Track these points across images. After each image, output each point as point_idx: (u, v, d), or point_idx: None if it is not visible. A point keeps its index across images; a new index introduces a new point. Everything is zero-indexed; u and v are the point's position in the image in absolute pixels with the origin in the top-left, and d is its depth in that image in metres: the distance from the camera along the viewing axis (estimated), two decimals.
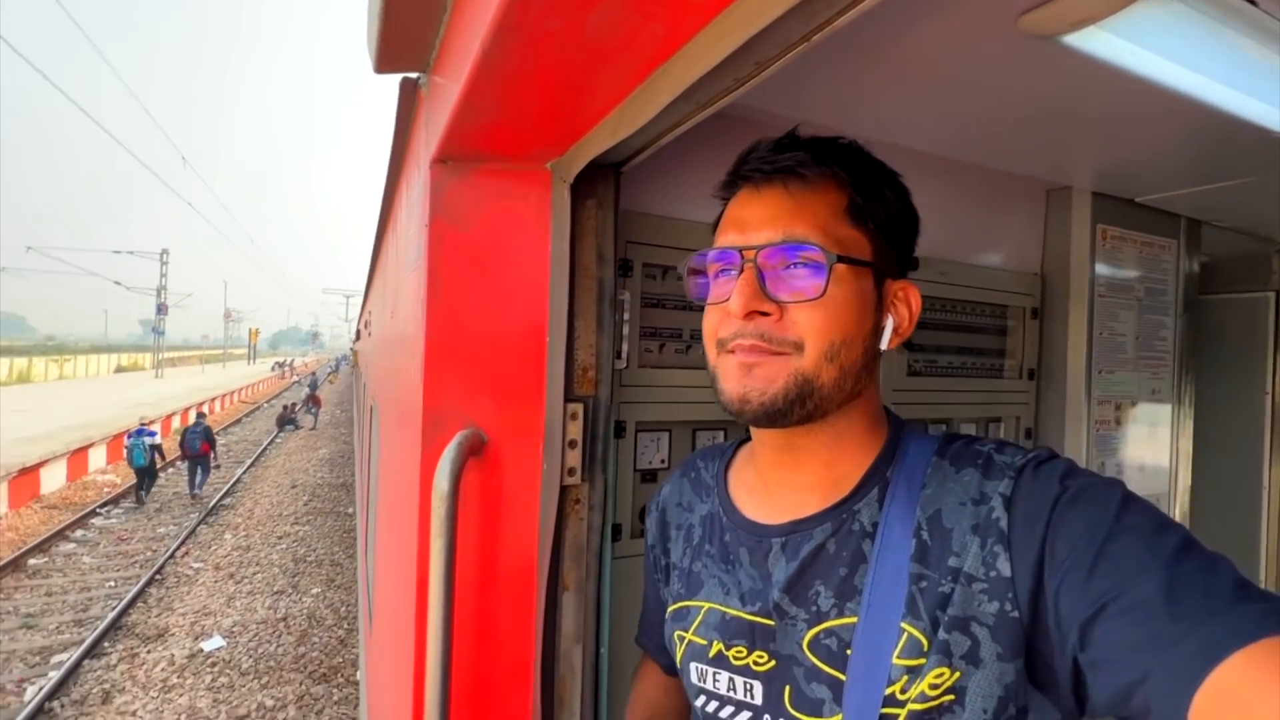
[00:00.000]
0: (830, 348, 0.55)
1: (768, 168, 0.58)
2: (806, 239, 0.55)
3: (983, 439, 0.59)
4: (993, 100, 0.98)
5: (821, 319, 0.55)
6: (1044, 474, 0.52)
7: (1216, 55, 0.80)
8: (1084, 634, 0.44)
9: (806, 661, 0.57)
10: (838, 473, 0.60)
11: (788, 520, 0.61)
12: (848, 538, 0.57)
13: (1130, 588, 0.42)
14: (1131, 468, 1.59)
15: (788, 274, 0.56)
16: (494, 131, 0.74)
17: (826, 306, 0.55)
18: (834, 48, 0.81)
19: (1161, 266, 1.63)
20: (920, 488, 0.56)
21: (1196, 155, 1.19)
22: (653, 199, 1.05)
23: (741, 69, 0.54)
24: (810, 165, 0.56)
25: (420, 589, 0.78)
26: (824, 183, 0.57)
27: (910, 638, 0.51)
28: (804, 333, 0.55)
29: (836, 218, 0.57)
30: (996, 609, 0.49)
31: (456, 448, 0.74)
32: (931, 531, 0.54)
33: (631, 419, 1.05)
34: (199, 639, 5.79)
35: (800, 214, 0.56)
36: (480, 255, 0.82)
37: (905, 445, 0.61)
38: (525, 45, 0.53)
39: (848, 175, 0.58)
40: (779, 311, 0.56)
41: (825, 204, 0.57)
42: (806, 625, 0.57)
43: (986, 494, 0.53)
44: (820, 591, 0.57)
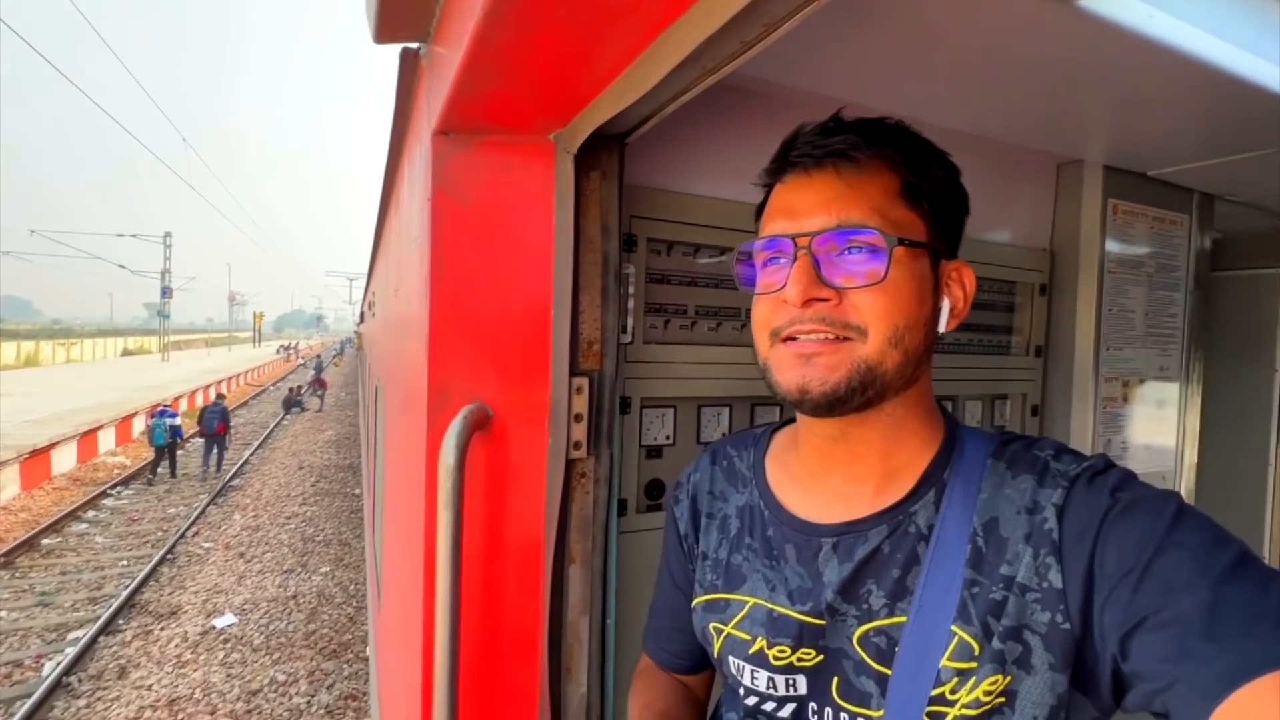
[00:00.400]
0: (895, 332, 0.54)
1: (818, 152, 0.56)
2: (863, 223, 0.54)
3: (1040, 441, 0.58)
4: (1005, 70, 0.95)
5: (885, 302, 0.54)
6: (1097, 485, 0.51)
7: (1238, 19, 0.78)
8: (1124, 645, 0.44)
9: (856, 655, 0.57)
10: (892, 464, 0.59)
11: (839, 520, 0.60)
12: (903, 540, 0.57)
13: (1172, 603, 0.42)
14: (1138, 445, 1.58)
15: (844, 259, 0.55)
16: (496, 101, 0.73)
17: (889, 290, 0.53)
18: (842, 15, 0.79)
19: (1173, 242, 1.61)
20: (977, 492, 0.55)
21: (1212, 126, 1.16)
22: (658, 173, 1.04)
23: (749, 31, 0.53)
24: (862, 147, 0.55)
25: (428, 563, 0.79)
26: (876, 164, 0.56)
27: (961, 641, 0.51)
28: (866, 317, 0.54)
29: (891, 199, 0.55)
30: (1049, 619, 0.49)
31: (462, 422, 0.74)
32: (987, 539, 0.53)
33: (637, 395, 1.05)
34: (211, 616, 5.90)
35: (854, 197, 0.55)
36: (483, 229, 0.81)
37: (961, 444, 0.59)
38: (527, 9, 0.52)
39: (899, 156, 0.56)
40: (838, 297, 0.54)
41: (879, 186, 0.55)
42: (857, 622, 0.57)
43: (1040, 503, 0.52)
44: (873, 590, 0.57)
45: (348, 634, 5.70)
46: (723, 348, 1.13)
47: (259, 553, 7.50)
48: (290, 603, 6.26)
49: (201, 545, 7.69)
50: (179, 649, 5.33)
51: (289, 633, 5.68)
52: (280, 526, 8.43)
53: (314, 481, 10.70)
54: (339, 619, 5.97)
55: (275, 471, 11.35)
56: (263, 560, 7.29)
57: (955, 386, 1.40)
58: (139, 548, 7.53)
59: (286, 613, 6.06)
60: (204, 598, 6.28)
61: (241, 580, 6.73)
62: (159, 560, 6.97)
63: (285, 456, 12.68)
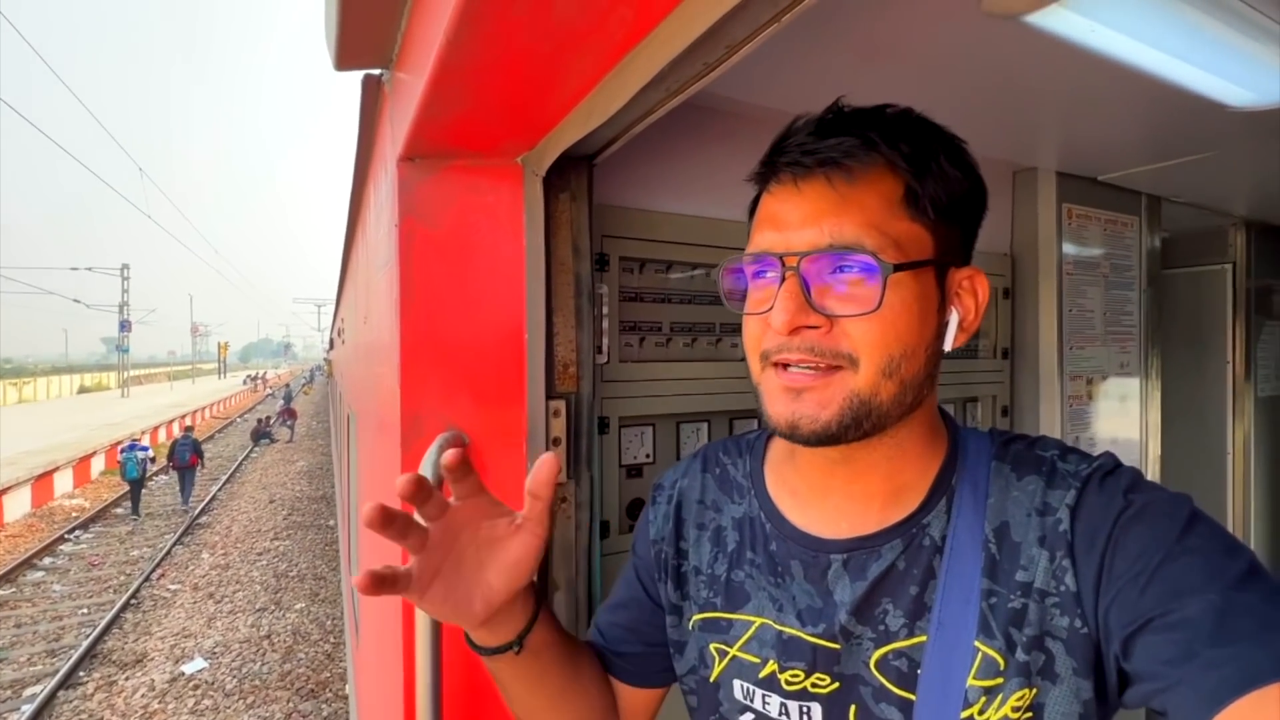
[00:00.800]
0: (889, 363, 0.50)
1: (809, 160, 0.50)
2: (857, 243, 0.49)
3: (1041, 440, 0.56)
4: (959, 82, 0.99)
5: (878, 332, 0.49)
6: (1109, 486, 0.49)
7: (1174, 32, 0.82)
8: (1126, 645, 0.43)
9: (874, 681, 0.54)
10: (898, 482, 0.56)
11: (848, 535, 0.56)
12: (919, 554, 0.54)
13: (1179, 607, 0.41)
14: (1104, 440, 1.63)
15: (835, 281, 0.50)
16: (461, 126, 0.73)
17: (884, 318, 0.49)
18: (802, 34, 0.81)
19: (1125, 243, 1.67)
20: (985, 497, 0.53)
21: (1155, 131, 1.22)
22: (627, 192, 1.04)
23: (711, 53, 0.54)
24: (859, 153, 0.49)
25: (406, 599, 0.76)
26: (875, 170, 0.50)
27: (985, 658, 0.49)
28: (857, 346, 0.49)
29: (891, 210, 0.50)
30: (1068, 624, 0.48)
31: (437, 450, 0.73)
32: (1000, 545, 0.51)
33: (615, 414, 1.04)
34: (179, 662, 5.65)
35: (848, 211, 0.49)
36: (453, 253, 0.80)
37: (964, 446, 0.57)
38: (491, 33, 0.51)
39: (903, 156, 0.50)
40: (828, 323, 0.50)
41: (878, 196, 0.50)
42: (874, 645, 0.54)
43: (1051, 504, 0.50)
44: (889, 610, 0.54)
45: (325, 672, 5.50)
46: (699, 363, 1.13)
47: (229, 592, 7.23)
48: (264, 643, 6.03)
49: (168, 587, 7.37)
50: (145, 699, 5.08)
51: (263, 674, 5.46)
52: (251, 564, 8.14)
53: (286, 515, 10.38)
54: (316, 657, 5.77)
55: (245, 506, 10.99)
56: (234, 600, 7.02)
57: None
58: (100, 594, 7.19)
59: (260, 653, 5.83)
60: (171, 643, 6.01)
61: (211, 622, 6.46)
62: (122, 606, 6.66)
63: (255, 490, 12.29)
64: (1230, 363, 2.01)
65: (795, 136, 0.52)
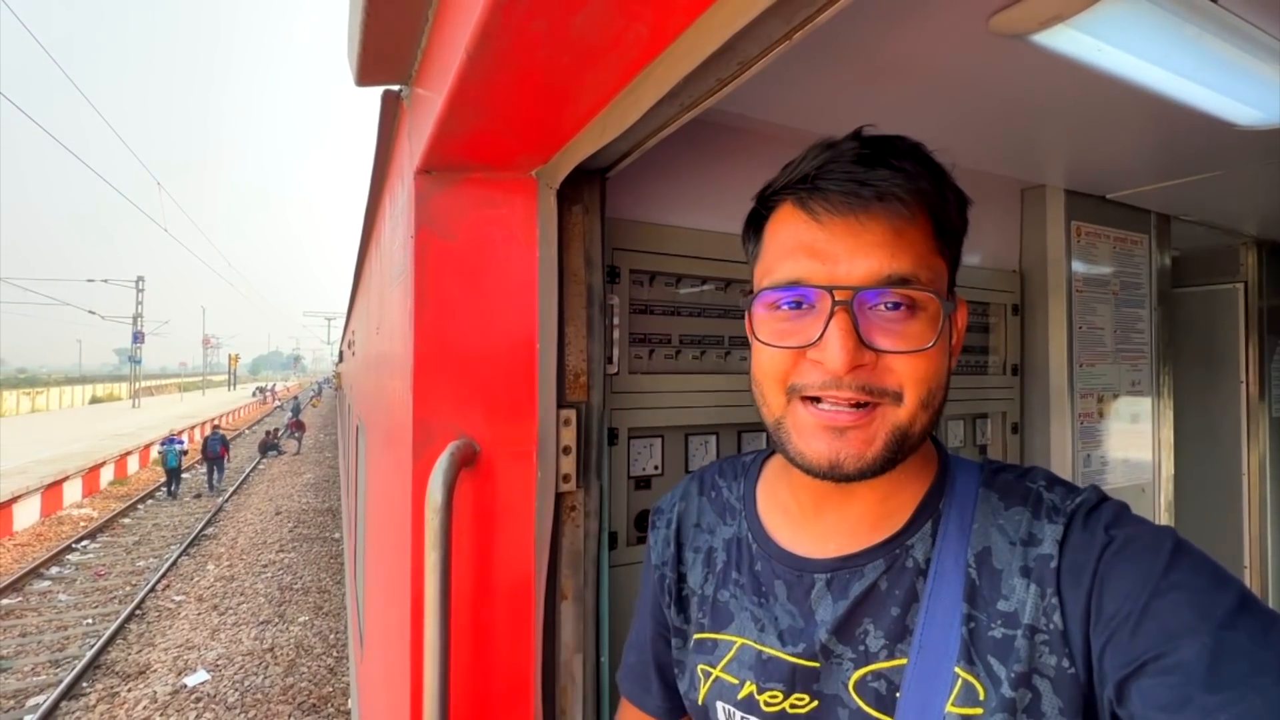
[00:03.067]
0: (929, 396, 0.50)
1: (866, 192, 0.48)
2: (913, 277, 0.49)
3: (1030, 471, 0.56)
4: (967, 100, 1.00)
5: (925, 368, 0.49)
6: (1092, 522, 0.49)
7: (1181, 51, 0.83)
8: (1120, 690, 0.43)
9: (852, 704, 0.53)
10: (890, 505, 0.56)
11: (833, 555, 0.56)
12: (901, 575, 0.54)
13: (1173, 650, 0.41)
14: (1116, 459, 1.61)
15: (882, 316, 0.49)
16: (478, 140, 0.74)
17: (932, 354, 0.49)
18: (812, 52, 0.83)
19: (1134, 261, 1.67)
20: (970, 522, 0.53)
21: (1164, 150, 1.22)
22: (638, 206, 1.06)
23: (724, 69, 0.55)
24: (909, 187, 0.49)
25: (415, 604, 0.77)
26: (920, 205, 0.50)
27: (965, 684, 0.48)
28: (904, 381, 0.49)
29: (930, 248, 0.51)
30: (1055, 663, 0.47)
31: (449, 459, 0.73)
32: (980, 570, 0.51)
33: (624, 426, 1.04)
34: (182, 674, 5.62)
35: (904, 246, 0.49)
36: (467, 264, 0.81)
37: (953, 474, 0.57)
38: (510, 50, 0.53)
39: (931, 192, 0.51)
40: (875, 359, 0.49)
41: (922, 233, 0.50)
42: (853, 666, 0.54)
43: (1037, 536, 0.50)
44: (870, 631, 0.54)
45: (328, 686, 5.46)
46: (708, 375, 1.14)
47: (234, 604, 7.21)
48: (267, 656, 6.00)
49: (173, 598, 7.37)
50: (147, 711, 5.05)
51: (265, 688, 5.42)
52: (256, 575, 8.12)
53: (292, 527, 10.37)
54: (318, 671, 5.72)
55: (251, 518, 11.00)
56: (238, 612, 7.00)
57: None
58: (106, 604, 7.19)
59: (263, 666, 5.79)
60: (174, 655, 5.99)
61: (215, 634, 6.44)
62: (126, 617, 6.66)
63: (261, 502, 12.30)
64: (1244, 382, 1.99)
65: (836, 163, 0.50)
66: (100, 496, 12.48)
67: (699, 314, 1.15)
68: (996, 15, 0.75)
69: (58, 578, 8.01)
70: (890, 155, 0.50)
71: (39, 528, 10.11)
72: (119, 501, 11.98)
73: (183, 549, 8.97)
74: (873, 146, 0.52)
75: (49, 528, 10.16)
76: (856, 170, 0.49)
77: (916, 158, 0.52)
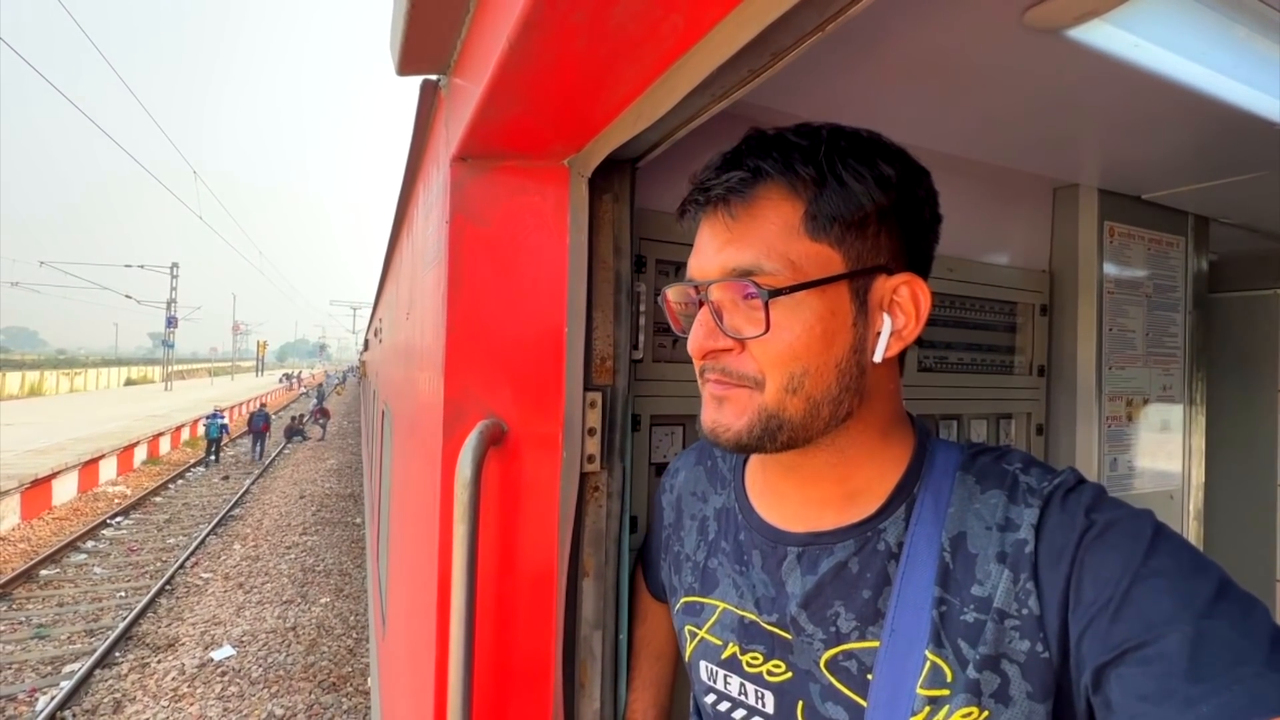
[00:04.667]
0: (790, 380, 0.52)
1: (702, 196, 0.55)
2: (747, 269, 0.52)
3: (1009, 453, 0.56)
4: (999, 96, 1.00)
5: (774, 352, 0.52)
6: (1070, 505, 0.49)
7: (1219, 47, 0.81)
8: (1098, 676, 0.43)
9: (824, 679, 0.55)
10: (850, 487, 0.57)
11: (805, 530, 0.58)
12: (872, 558, 0.55)
13: (1154, 638, 0.41)
14: (1143, 464, 1.59)
15: (742, 305, 0.53)
16: (514, 129, 0.77)
17: (778, 338, 0.51)
18: (844, 45, 0.84)
19: (1169, 264, 1.64)
20: (946, 506, 0.54)
21: (1201, 150, 1.20)
22: (666, 197, 1.07)
23: (757, 60, 0.56)
24: (746, 186, 0.52)
25: (442, 578, 0.79)
26: (768, 199, 0.53)
27: (934, 666, 0.49)
28: (762, 367, 0.53)
29: (789, 234, 0.52)
30: (1028, 648, 0.47)
31: (478, 436, 0.76)
32: (954, 554, 0.52)
33: (646, 413, 1.06)
34: (209, 648, 5.80)
35: (742, 241, 0.52)
36: (499, 249, 0.84)
37: (932, 457, 0.57)
38: (550, 40, 0.55)
39: (802, 180, 0.52)
40: (740, 346, 0.53)
41: (774, 222, 0.52)
42: (824, 645, 0.55)
43: (1014, 520, 0.50)
44: (840, 613, 0.55)
45: (347, 666, 5.59)
46: None
47: (258, 583, 7.41)
48: (289, 634, 6.16)
49: (201, 575, 7.60)
50: (175, 682, 5.23)
51: (287, 665, 5.58)
52: (280, 557, 8.34)
53: (315, 511, 10.61)
54: (339, 651, 5.87)
55: (276, 501, 11.27)
56: (262, 591, 7.20)
57: (960, 406, 1.42)
58: (137, 579, 7.44)
59: (285, 644, 5.95)
60: (202, 629, 6.19)
61: (240, 611, 6.63)
62: (157, 591, 6.89)
63: (286, 485, 12.60)
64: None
65: (704, 173, 0.56)
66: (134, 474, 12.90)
67: None
68: (1031, 9, 0.75)
69: (93, 551, 8.32)
70: (749, 155, 0.54)
71: (76, 503, 10.49)
72: (151, 480, 12.37)
73: (211, 528, 9.24)
74: (738, 149, 0.56)
75: (85, 503, 10.54)
76: (709, 177, 0.55)
77: (782, 151, 0.53)
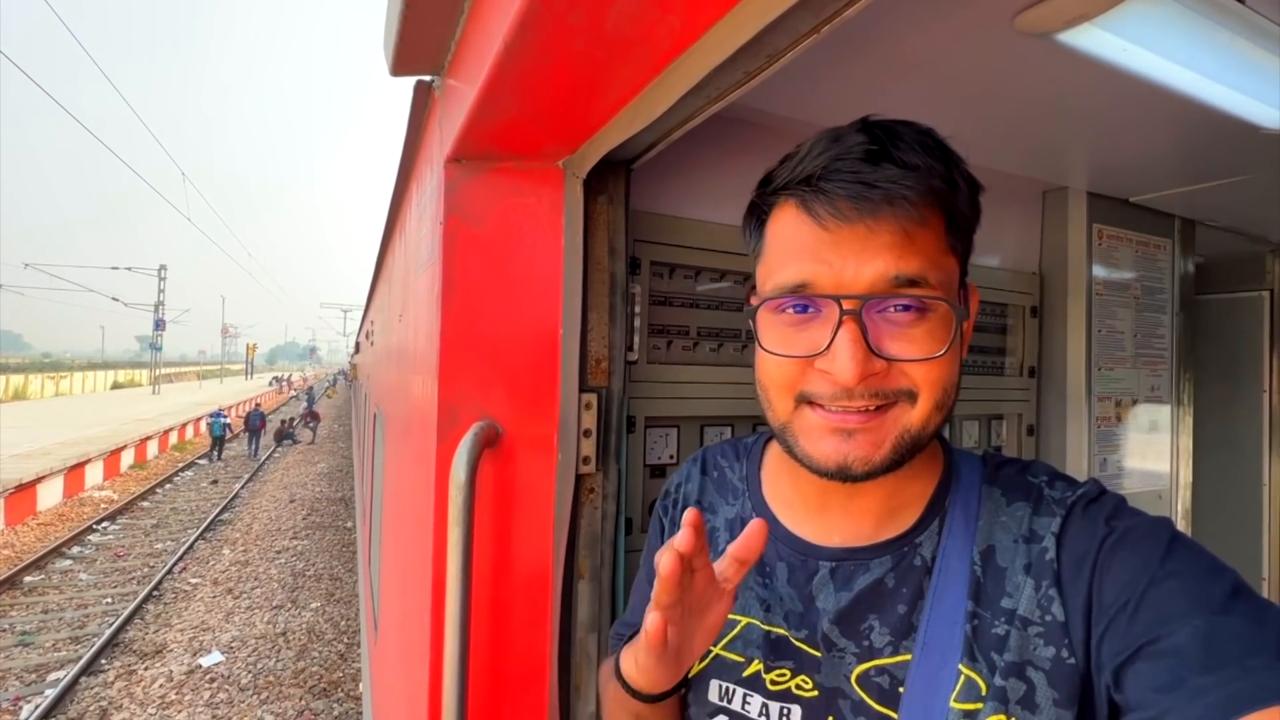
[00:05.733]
0: (943, 397, 0.49)
1: (874, 194, 0.46)
2: (923, 279, 0.47)
3: (1033, 465, 0.56)
4: (990, 99, 1.00)
5: (939, 371, 0.48)
6: (1092, 513, 0.50)
7: (1207, 52, 0.83)
8: (1118, 675, 0.43)
9: (854, 695, 0.53)
10: (896, 502, 0.56)
11: (839, 544, 0.56)
12: (909, 573, 0.54)
13: (1168, 634, 0.41)
14: (1132, 464, 1.60)
15: (891, 320, 0.48)
16: (509, 130, 0.76)
17: (947, 358, 0.48)
18: (837, 47, 0.84)
19: (1157, 266, 1.66)
20: (975, 519, 0.53)
21: (1189, 153, 1.22)
22: (660, 199, 1.07)
23: (752, 62, 0.57)
24: (919, 186, 0.46)
25: (437, 581, 0.79)
26: (929, 204, 0.47)
27: (968, 680, 0.49)
28: (918, 382, 0.48)
29: (941, 247, 0.48)
30: (1053, 654, 0.47)
31: (472, 439, 0.76)
32: (985, 568, 0.51)
33: (641, 414, 1.06)
34: (197, 655, 5.73)
35: (913, 250, 0.47)
36: (494, 251, 0.84)
37: (958, 469, 0.57)
38: (546, 42, 0.55)
39: (947, 188, 0.48)
40: (886, 366, 0.48)
41: (933, 232, 0.48)
42: (856, 660, 0.54)
43: (1038, 532, 0.51)
44: (874, 627, 0.54)
45: (338, 671, 5.54)
46: (725, 368, 1.15)
47: (248, 588, 7.33)
48: (279, 640, 6.10)
49: (189, 581, 7.51)
50: (163, 689, 5.16)
51: (278, 671, 5.52)
52: (270, 561, 8.25)
53: (305, 515, 10.52)
54: (329, 656, 5.81)
55: (266, 505, 11.16)
56: (251, 596, 7.12)
57: None
58: (124, 584, 7.34)
59: (275, 650, 5.89)
60: (190, 635, 6.11)
61: (229, 617, 6.56)
62: (144, 597, 6.80)
63: (276, 489, 12.49)
64: (1267, 392, 1.96)
65: (844, 161, 0.47)
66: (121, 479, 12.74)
67: (717, 307, 1.17)
68: (1022, 14, 0.75)
69: (79, 557, 8.20)
70: (899, 150, 0.48)
71: (61, 508, 10.34)
72: (139, 484, 12.23)
73: (200, 533, 9.14)
74: (881, 140, 0.48)
75: (71, 508, 10.39)
76: (863, 170, 0.47)
77: (926, 148, 0.49)
